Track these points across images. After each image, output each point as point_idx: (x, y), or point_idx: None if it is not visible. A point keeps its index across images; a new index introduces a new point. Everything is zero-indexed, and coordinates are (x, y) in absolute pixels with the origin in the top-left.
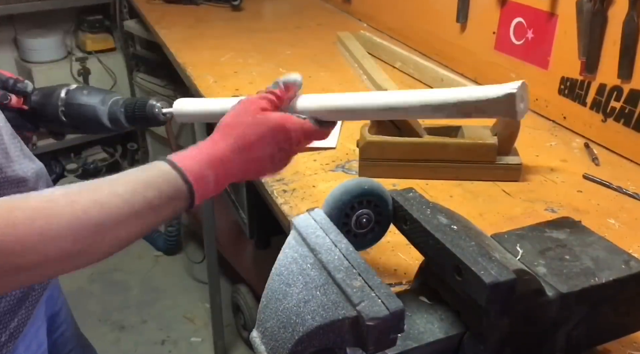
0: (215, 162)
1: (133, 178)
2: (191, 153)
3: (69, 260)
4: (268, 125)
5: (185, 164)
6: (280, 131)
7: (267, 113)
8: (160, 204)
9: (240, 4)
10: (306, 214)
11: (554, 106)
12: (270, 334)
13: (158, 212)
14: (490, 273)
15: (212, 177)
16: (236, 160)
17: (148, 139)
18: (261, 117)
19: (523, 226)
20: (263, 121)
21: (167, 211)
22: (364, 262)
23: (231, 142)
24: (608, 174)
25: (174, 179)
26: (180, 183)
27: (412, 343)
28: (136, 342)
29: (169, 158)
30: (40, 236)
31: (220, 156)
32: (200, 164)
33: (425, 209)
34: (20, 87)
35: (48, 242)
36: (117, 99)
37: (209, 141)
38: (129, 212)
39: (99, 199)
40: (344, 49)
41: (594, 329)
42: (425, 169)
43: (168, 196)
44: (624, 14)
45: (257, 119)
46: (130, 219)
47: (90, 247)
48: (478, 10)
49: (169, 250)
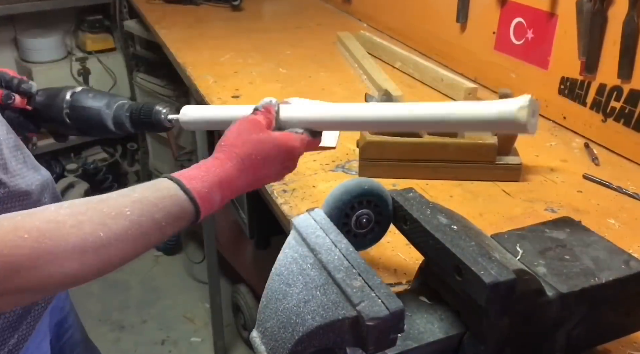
0: (223, 183)
1: (141, 198)
2: (199, 173)
3: (74, 280)
4: (273, 143)
5: (193, 186)
6: (284, 150)
7: (270, 132)
8: (166, 224)
9: (240, 4)
10: (306, 214)
11: (554, 106)
12: (270, 334)
13: (164, 231)
14: (490, 273)
15: (218, 197)
16: (242, 178)
17: (148, 139)
18: (265, 136)
19: (523, 226)
20: (267, 139)
21: (172, 229)
22: (364, 262)
23: (238, 163)
24: (608, 174)
25: (183, 201)
26: (188, 205)
27: (412, 343)
28: (136, 342)
29: (178, 179)
30: (47, 257)
31: (228, 178)
32: (209, 186)
33: (425, 209)
34: (24, 87)
35: (54, 264)
36: (122, 103)
37: (216, 161)
38: (136, 233)
39: (106, 220)
40: (344, 49)
41: (594, 329)
42: (425, 169)
43: (175, 216)
44: (624, 14)
45: (262, 138)
46: (137, 239)
47: (95, 266)
48: (478, 10)
49: (169, 250)
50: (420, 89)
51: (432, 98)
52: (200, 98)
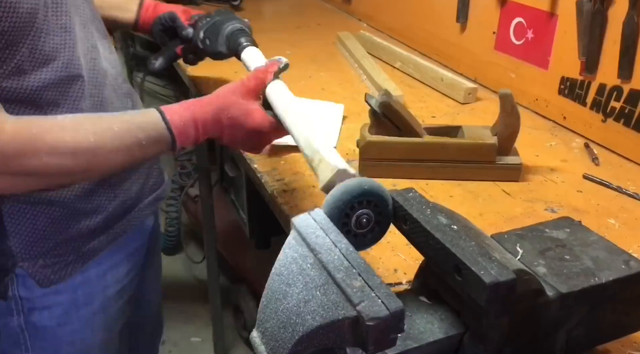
0: (197, 122)
1: (129, 119)
2: (180, 109)
3: (66, 174)
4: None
5: (172, 119)
6: (252, 122)
7: (252, 102)
8: (146, 144)
9: (240, 4)
10: (306, 214)
11: (554, 106)
12: (270, 334)
13: (145, 150)
14: (490, 273)
15: (192, 132)
16: (214, 126)
17: None
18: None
19: (523, 226)
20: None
21: (152, 150)
22: (364, 262)
23: (214, 111)
24: (608, 174)
25: (162, 129)
26: (166, 133)
27: (412, 343)
28: None
29: (162, 110)
30: (47, 149)
31: (202, 120)
32: (185, 121)
33: (425, 209)
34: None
35: (52, 155)
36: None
37: (198, 103)
38: (120, 145)
39: (98, 130)
40: (344, 49)
41: (594, 329)
42: (425, 169)
43: (154, 139)
44: (624, 14)
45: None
46: (120, 149)
47: (84, 167)
48: (478, 10)
49: (169, 250)
50: (420, 89)
51: (432, 98)
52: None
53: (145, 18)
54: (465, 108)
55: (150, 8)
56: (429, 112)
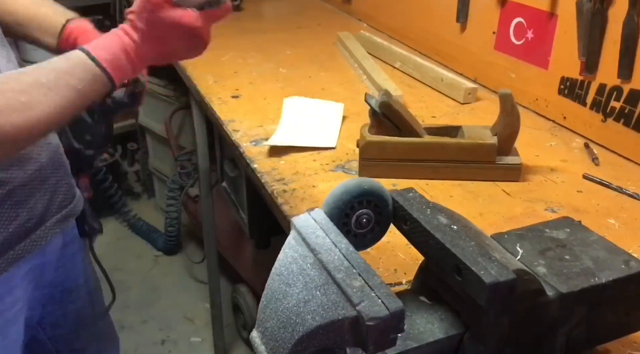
0: (128, 51)
1: (55, 67)
2: (104, 43)
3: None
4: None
5: (99, 54)
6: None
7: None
8: (83, 88)
9: (240, 4)
10: (306, 214)
11: (554, 106)
12: (270, 334)
13: (84, 94)
14: (490, 273)
15: (125, 61)
16: (148, 48)
17: (148, 139)
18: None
19: (523, 226)
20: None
21: (92, 93)
22: (364, 262)
23: (141, 32)
24: (608, 174)
25: (93, 68)
26: (98, 71)
27: (412, 343)
28: (136, 342)
29: (86, 49)
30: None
31: (133, 45)
32: (113, 52)
33: (425, 209)
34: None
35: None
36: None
37: (120, 31)
38: (55, 97)
39: (25, 88)
40: (344, 49)
41: (594, 329)
42: (425, 169)
43: (90, 81)
44: (624, 14)
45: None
46: (57, 102)
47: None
48: (478, 10)
49: (169, 250)
50: (420, 89)
51: (432, 98)
52: (200, 98)
53: (66, 48)
54: (465, 108)
55: (71, 37)
56: (429, 112)
